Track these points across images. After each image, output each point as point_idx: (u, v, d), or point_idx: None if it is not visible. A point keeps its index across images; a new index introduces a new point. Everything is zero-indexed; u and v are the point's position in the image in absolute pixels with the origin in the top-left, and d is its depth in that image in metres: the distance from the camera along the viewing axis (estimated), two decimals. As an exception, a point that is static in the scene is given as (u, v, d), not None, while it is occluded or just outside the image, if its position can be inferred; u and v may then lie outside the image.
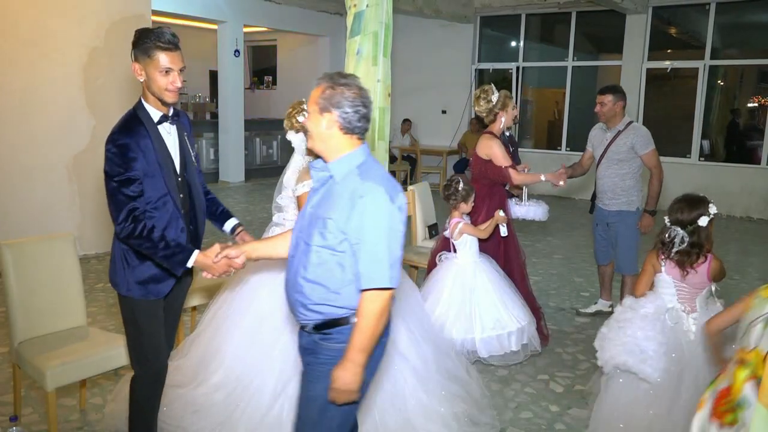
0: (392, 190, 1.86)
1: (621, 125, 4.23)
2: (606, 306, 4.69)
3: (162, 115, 2.34)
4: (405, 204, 1.87)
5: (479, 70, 11.22)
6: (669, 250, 2.75)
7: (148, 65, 2.25)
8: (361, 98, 1.86)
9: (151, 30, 2.26)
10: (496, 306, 3.71)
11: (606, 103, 4.20)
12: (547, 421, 3.19)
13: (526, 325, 3.75)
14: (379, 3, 4.46)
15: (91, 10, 5.72)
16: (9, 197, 5.41)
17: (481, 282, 3.76)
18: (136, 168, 2.23)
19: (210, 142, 10.70)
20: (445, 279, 3.83)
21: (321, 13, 11.45)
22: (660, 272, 2.81)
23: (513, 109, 4.05)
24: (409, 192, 4.87)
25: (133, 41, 2.27)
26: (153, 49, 2.24)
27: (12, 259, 2.84)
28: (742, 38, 10.04)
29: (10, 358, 3.13)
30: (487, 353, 3.66)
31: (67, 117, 5.66)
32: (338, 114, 1.83)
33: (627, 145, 4.16)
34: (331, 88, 1.84)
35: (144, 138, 2.27)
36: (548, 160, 9.87)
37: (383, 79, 4.55)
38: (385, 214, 1.81)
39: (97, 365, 2.82)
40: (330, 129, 1.85)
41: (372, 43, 4.46)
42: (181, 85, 2.31)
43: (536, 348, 3.82)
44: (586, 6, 9.80)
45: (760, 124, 9.41)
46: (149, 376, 2.45)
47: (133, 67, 2.29)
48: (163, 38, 2.23)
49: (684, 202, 2.75)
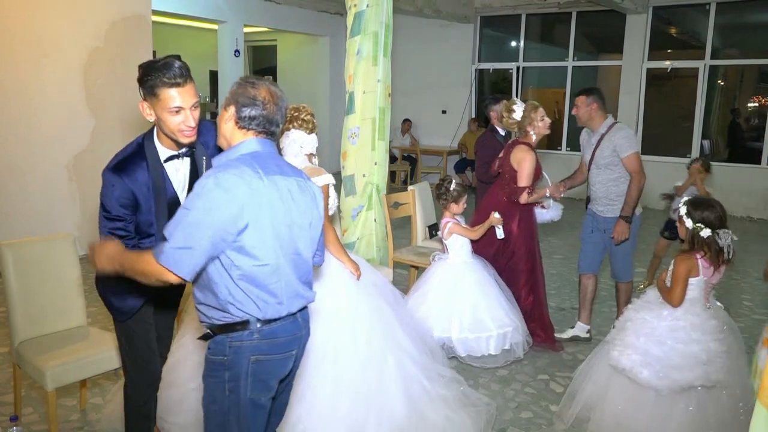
0: (237, 174, 1.72)
1: (603, 128, 3.96)
2: (584, 331, 4.24)
3: (168, 157, 2.19)
4: (235, 190, 1.70)
5: (479, 70, 11.23)
6: (722, 254, 2.76)
7: (156, 105, 2.02)
8: (264, 99, 1.82)
9: (155, 63, 2.01)
10: (476, 308, 3.69)
11: (579, 105, 3.98)
12: (547, 421, 3.19)
13: (511, 330, 3.70)
14: (379, 3, 4.47)
15: (91, 9, 5.71)
16: (9, 197, 5.41)
17: (466, 283, 3.75)
18: (121, 208, 2.14)
19: (210, 142, 10.70)
20: (432, 278, 3.85)
21: (321, 13, 11.45)
22: (698, 276, 2.80)
23: (541, 120, 4.00)
24: (409, 192, 4.87)
25: (138, 78, 2.04)
26: (159, 87, 1.99)
27: (12, 259, 2.84)
28: (742, 38, 10.04)
29: (10, 358, 3.13)
30: (465, 353, 3.66)
31: (67, 117, 5.65)
32: (234, 109, 1.83)
33: (610, 148, 3.90)
34: (240, 85, 1.85)
35: (141, 176, 2.15)
36: (548, 160, 9.86)
37: (383, 79, 4.55)
38: (205, 190, 1.70)
39: (97, 365, 2.82)
40: (227, 122, 1.85)
41: (372, 43, 4.47)
42: (195, 123, 2.06)
43: (519, 355, 3.76)
44: (586, 6, 9.80)
45: (760, 124, 9.41)
46: (141, 383, 2.42)
47: (141, 106, 2.06)
48: (170, 72, 1.97)
49: (719, 207, 2.80)
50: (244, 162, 1.77)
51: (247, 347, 1.82)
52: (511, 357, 3.75)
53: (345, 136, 4.56)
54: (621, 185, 3.93)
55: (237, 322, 1.81)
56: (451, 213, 3.89)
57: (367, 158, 4.52)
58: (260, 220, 1.74)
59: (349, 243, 4.56)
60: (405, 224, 5.32)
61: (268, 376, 1.87)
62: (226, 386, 1.82)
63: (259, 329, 1.82)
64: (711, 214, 2.76)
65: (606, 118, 3.99)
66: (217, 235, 1.69)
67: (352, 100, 4.49)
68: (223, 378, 1.83)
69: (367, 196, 4.54)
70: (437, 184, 3.95)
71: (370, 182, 4.54)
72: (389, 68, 4.60)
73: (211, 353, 1.86)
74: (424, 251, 4.64)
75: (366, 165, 4.52)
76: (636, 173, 3.86)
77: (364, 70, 4.46)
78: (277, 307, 1.83)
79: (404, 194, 4.86)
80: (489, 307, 3.70)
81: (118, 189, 2.14)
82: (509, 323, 3.70)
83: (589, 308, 4.26)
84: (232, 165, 1.76)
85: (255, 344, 1.82)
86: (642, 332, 2.81)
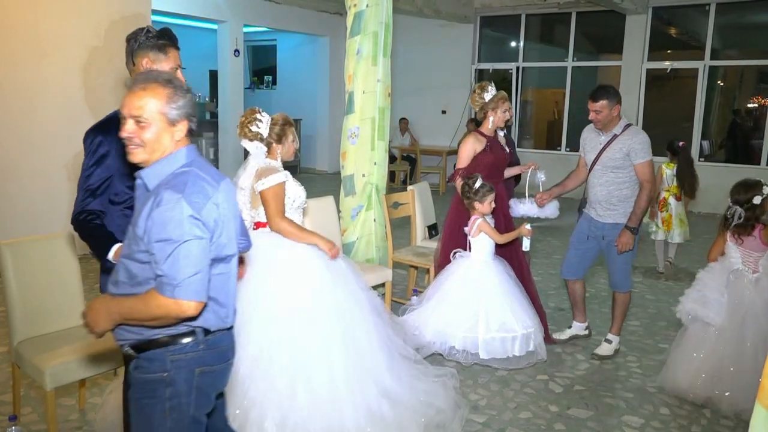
0: None
1: (618, 128, 3.75)
2: (582, 329, 4.19)
3: None
4: None
5: (479, 70, 11.23)
6: (729, 224, 3.40)
7: (161, 61, 2.23)
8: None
9: (151, 29, 2.26)
10: (503, 308, 3.65)
11: (601, 110, 3.70)
12: (547, 421, 3.19)
13: (533, 332, 3.68)
14: (379, 3, 4.47)
15: (90, 9, 5.72)
16: (9, 197, 5.41)
17: (490, 283, 3.71)
18: (105, 164, 2.22)
19: (210, 142, 10.71)
20: (454, 276, 3.79)
21: (321, 13, 11.45)
22: (727, 241, 3.44)
23: (504, 112, 4.02)
24: (408, 192, 4.87)
25: (142, 40, 2.23)
26: (168, 47, 2.24)
27: (12, 259, 2.83)
28: (741, 39, 10.05)
29: (9, 358, 3.13)
30: (488, 355, 3.61)
31: (66, 117, 5.65)
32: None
33: (623, 150, 3.69)
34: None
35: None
36: (548, 161, 9.85)
37: (383, 79, 4.55)
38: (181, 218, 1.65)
39: (96, 365, 2.81)
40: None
41: (372, 43, 4.47)
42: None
43: (543, 357, 3.73)
44: (586, 6, 9.80)
45: (760, 124, 9.41)
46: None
47: (143, 62, 2.22)
48: (173, 36, 2.25)
49: (742, 185, 3.48)
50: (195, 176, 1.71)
51: (192, 359, 1.73)
52: (534, 359, 3.70)
53: (344, 136, 4.57)
54: (624, 190, 3.75)
55: (181, 333, 1.72)
56: (480, 212, 3.80)
57: (366, 158, 4.52)
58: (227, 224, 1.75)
59: (349, 243, 4.56)
60: (404, 224, 5.32)
61: (211, 389, 1.80)
62: (167, 406, 1.71)
63: (205, 339, 1.75)
64: (736, 195, 3.48)
65: (621, 118, 3.81)
66: (209, 250, 1.69)
67: (352, 100, 4.50)
68: (162, 397, 1.71)
69: (366, 196, 4.54)
70: (463, 182, 3.87)
71: (370, 182, 4.54)
72: (389, 68, 4.60)
73: (142, 372, 1.73)
74: (424, 251, 4.64)
75: (365, 165, 4.52)
76: (648, 182, 3.69)
77: (363, 70, 4.46)
78: (224, 316, 1.79)
79: (404, 194, 4.86)
80: (512, 308, 3.67)
81: (104, 145, 2.21)
82: (531, 324, 3.69)
83: (582, 308, 4.18)
84: (189, 181, 1.68)
85: (200, 355, 1.74)
86: (697, 285, 3.45)
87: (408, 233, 5.04)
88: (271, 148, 3.09)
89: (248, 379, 2.69)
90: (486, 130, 4.07)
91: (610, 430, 3.12)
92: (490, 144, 4.04)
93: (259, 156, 3.06)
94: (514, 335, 3.62)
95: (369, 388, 2.89)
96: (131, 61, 2.27)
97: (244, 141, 3.06)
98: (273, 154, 3.10)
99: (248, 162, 3.09)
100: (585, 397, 3.44)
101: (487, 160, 4.02)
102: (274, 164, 3.06)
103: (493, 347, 3.61)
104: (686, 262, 6.28)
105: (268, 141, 3.06)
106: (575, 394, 3.48)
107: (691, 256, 6.46)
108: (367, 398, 2.85)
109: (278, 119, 3.11)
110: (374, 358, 3.01)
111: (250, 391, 2.67)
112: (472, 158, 4.02)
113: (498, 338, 3.61)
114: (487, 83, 4.12)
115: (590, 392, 3.50)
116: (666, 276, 5.89)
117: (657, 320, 4.70)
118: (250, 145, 3.05)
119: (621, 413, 3.28)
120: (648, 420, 3.21)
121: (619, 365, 3.86)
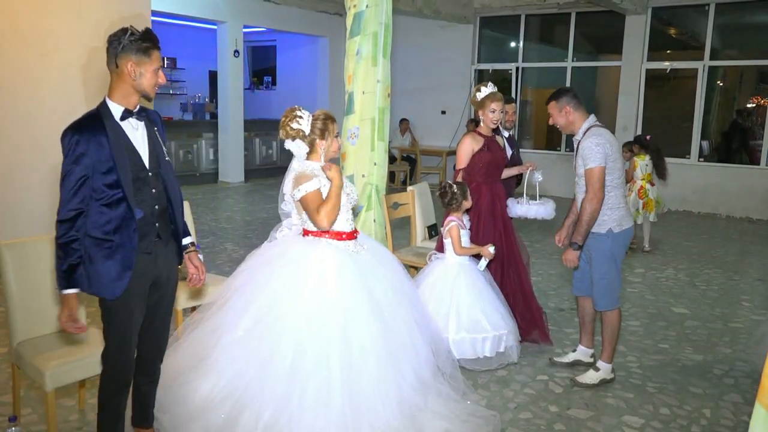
0: None
1: (580, 133, 3.42)
2: (587, 355, 3.78)
3: (124, 110, 2.37)
4: None
5: (479, 70, 11.23)
6: None
7: (146, 64, 2.31)
8: None
9: (134, 30, 2.34)
10: (474, 309, 3.67)
11: (552, 113, 3.51)
12: (547, 421, 3.19)
13: (506, 333, 3.69)
14: (379, 3, 4.47)
15: (90, 9, 5.71)
16: (9, 197, 5.41)
17: (463, 283, 3.73)
18: (83, 163, 2.31)
19: (209, 142, 10.69)
20: (428, 277, 3.83)
21: (321, 14, 11.46)
22: None
23: (492, 113, 3.99)
24: (408, 192, 4.87)
25: (126, 42, 2.30)
26: (152, 49, 2.31)
27: (12, 259, 2.83)
28: (741, 39, 10.05)
29: (9, 358, 3.12)
30: (459, 355, 3.58)
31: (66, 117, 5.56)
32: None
33: (580, 156, 3.36)
34: None
35: (99, 134, 2.32)
36: (547, 161, 9.87)
37: (383, 80, 4.55)
38: None
39: (96, 365, 2.80)
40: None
41: (372, 44, 4.47)
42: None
43: (514, 359, 3.75)
44: (586, 6, 9.81)
45: (760, 124, 9.42)
46: (111, 374, 2.49)
47: (128, 65, 2.31)
48: (156, 37, 2.32)
49: None
50: None
51: None
52: (506, 360, 3.73)
53: (344, 137, 4.56)
54: (605, 196, 3.34)
55: None
56: (461, 212, 3.82)
57: (366, 159, 4.52)
58: None
59: (349, 243, 4.56)
60: (404, 225, 5.32)
61: None
62: None
63: None
64: None
65: (587, 118, 3.46)
66: None
67: (352, 101, 4.49)
68: None
69: (366, 196, 4.54)
70: (440, 193, 3.88)
71: (370, 183, 4.54)
72: (389, 69, 4.60)
73: None
74: (424, 252, 4.63)
75: (365, 165, 4.52)
76: (592, 191, 3.27)
77: (363, 70, 4.46)
78: None
79: (404, 195, 4.86)
80: (484, 309, 3.68)
81: (82, 144, 2.32)
82: (504, 326, 3.69)
83: (590, 330, 3.78)
84: None
85: None
86: None
87: (408, 234, 5.04)
88: (315, 145, 2.95)
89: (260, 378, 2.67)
90: (482, 129, 4.09)
91: (610, 430, 3.12)
92: (487, 143, 4.05)
93: (300, 157, 2.98)
94: (485, 336, 3.63)
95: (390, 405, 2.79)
96: (114, 63, 2.32)
97: (287, 141, 2.98)
98: (317, 153, 2.96)
99: (291, 164, 3.02)
100: (585, 398, 3.44)
101: (485, 159, 4.04)
102: (310, 169, 2.93)
103: (463, 348, 3.62)
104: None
105: (311, 138, 2.94)
106: (575, 395, 3.48)
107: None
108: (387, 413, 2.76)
109: (319, 114, 3.00)
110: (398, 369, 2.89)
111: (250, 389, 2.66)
112: (471, 157, 4.03)
113: (468, 339, 3.62)
114: (486, 84, 4.13)
115: (590, 392, 3.50)
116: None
117: (657, 320, 4.70)
118: (292, 144, 2.96)
119: (621, 413, 3.28)
120: (648, 420, 3.21)
121: (619, 365, 3.86)
